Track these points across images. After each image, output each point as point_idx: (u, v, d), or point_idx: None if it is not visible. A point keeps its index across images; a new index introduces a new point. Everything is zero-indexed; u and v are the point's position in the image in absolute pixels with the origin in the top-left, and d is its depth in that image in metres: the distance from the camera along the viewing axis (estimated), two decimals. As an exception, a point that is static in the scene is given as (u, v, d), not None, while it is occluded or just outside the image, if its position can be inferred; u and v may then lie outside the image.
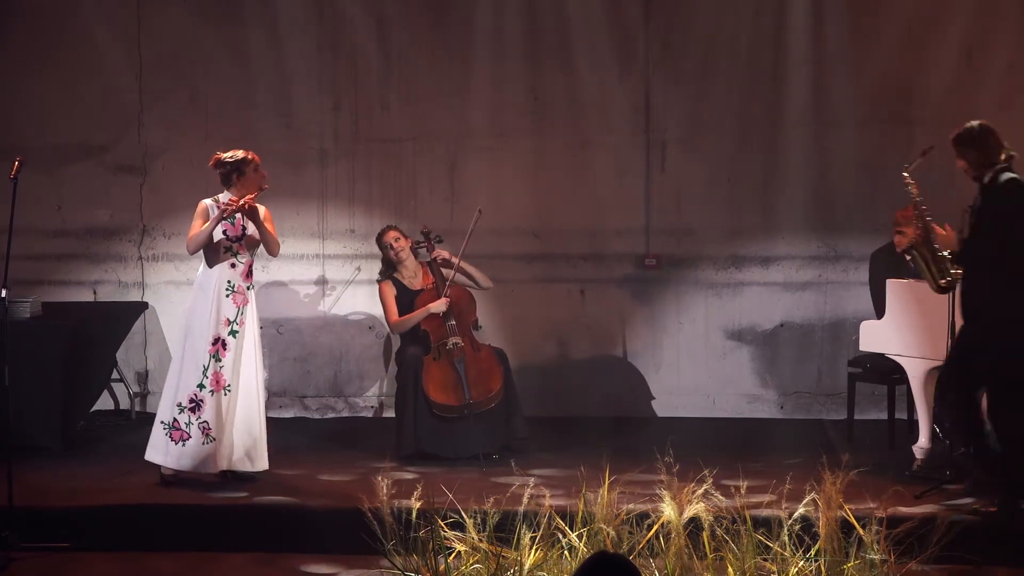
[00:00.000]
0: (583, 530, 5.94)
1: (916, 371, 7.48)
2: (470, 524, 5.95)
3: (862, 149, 9.07)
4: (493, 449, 7.93)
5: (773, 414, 9.26)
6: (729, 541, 5.85)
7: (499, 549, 5.90)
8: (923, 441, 7.51)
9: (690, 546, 5.86)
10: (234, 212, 7.26)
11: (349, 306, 9.44)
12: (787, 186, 9.18)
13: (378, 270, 8.41)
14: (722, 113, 9.21)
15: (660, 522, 5.91)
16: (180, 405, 7.29)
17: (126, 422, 9.10)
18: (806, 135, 9.13)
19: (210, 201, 7.41)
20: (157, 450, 7.35)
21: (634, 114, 9.28)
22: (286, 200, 9.07)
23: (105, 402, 9.29)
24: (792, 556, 5.78)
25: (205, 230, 7.27)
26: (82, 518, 6.86)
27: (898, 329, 7.52)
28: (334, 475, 7.58)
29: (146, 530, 6.87)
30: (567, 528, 5.93)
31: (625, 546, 5.90)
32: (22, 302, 8.37)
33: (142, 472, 7.43)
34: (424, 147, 9.37)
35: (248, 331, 7.36)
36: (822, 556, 5.79)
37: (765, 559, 5.85)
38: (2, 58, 9.40)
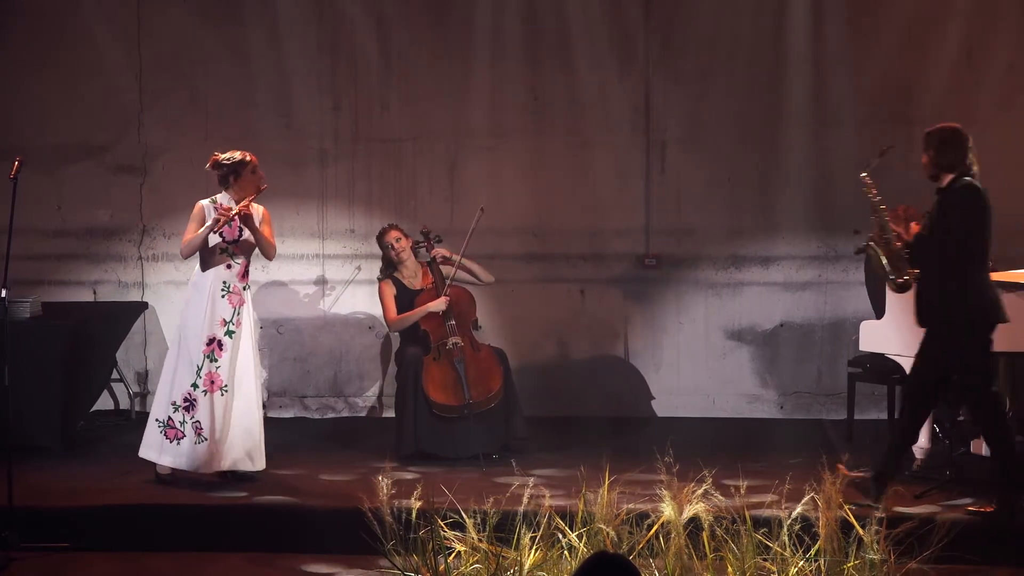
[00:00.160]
0: (583, 530, 5.94)
1: (916, 371, 7.48)
2: (470, 524, 5.95)
3: (862, 149, 9.00)
4: (493, 449, 7.93)
5: (773, 414, 9.25)
6: (729, 541, 5.84)
7: (499, 549, 5.90)
8: (923, 441, 7.51)
9: (690, 546, 5.85)
10: (227, 222, 7.24)
11: (349, 306, 9.44)
12: (787, 186, 9.18)
13: (378, 269, 8.42)
14: (722, 113, 9.20)
15: (660, 522, 5.91)
16: (175, 404, 7.28)
17: (126, 422, 9.09)
18: (806, 135, 9.13)
19: (207, 202, 7.39)
20: (151, 447, 7.35)
21: (634, 114, 9.28)
22: (286, 200, 9.08)
23: (105, 402, 9.29)
24: (792, 556, 5.78)
25: (199, 236, 7.25)
26: (82, 518, 6.85)
27: (898, 329, 7.51)
28: (334, 475, 7.58)
29: (146, 530, 6.86)
30: (567, 528, 5.92)
31: (625, 546, 5.89)
32: (22, 302, 8.36)
33: (142, 472, 7.43)
34: (424, 147, 9.36)
35: (245, 332, 7.34)
36: (822, 556, 5.78)
37: (765, 559, 5.84)
38: (2, 58, 9.39)
